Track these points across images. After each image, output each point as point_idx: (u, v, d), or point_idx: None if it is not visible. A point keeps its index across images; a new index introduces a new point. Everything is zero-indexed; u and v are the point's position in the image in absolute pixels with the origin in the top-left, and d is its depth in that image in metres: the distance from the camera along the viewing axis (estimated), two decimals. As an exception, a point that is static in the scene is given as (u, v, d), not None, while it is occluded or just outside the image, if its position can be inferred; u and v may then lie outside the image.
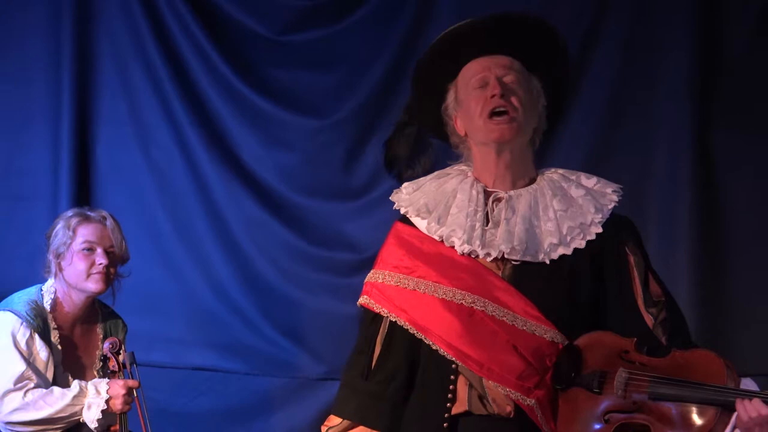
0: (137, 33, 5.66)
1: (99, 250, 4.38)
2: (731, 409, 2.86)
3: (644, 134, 5.49)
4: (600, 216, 3.17)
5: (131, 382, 4.25)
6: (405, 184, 3.33)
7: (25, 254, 5.55)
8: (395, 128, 3.42)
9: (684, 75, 5.43)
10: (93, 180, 5.71)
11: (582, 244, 3.15)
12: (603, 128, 5.52)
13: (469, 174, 3.26)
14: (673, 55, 5.44)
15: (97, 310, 4.54)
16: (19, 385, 4.23)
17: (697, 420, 2.91)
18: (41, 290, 4.44)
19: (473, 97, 3.17)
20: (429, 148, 3.40)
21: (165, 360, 5.35)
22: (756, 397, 2.82)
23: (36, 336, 4.30)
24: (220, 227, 5.65)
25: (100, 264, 4.37)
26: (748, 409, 2.81)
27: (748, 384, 2.95)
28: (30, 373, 4.24)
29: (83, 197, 5.61)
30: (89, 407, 4.23)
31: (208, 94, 5.69)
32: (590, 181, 3.26)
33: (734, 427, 2.88)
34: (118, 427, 4.30)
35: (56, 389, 4.27)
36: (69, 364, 4.42)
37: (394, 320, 3.18)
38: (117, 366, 4.27)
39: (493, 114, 3.13)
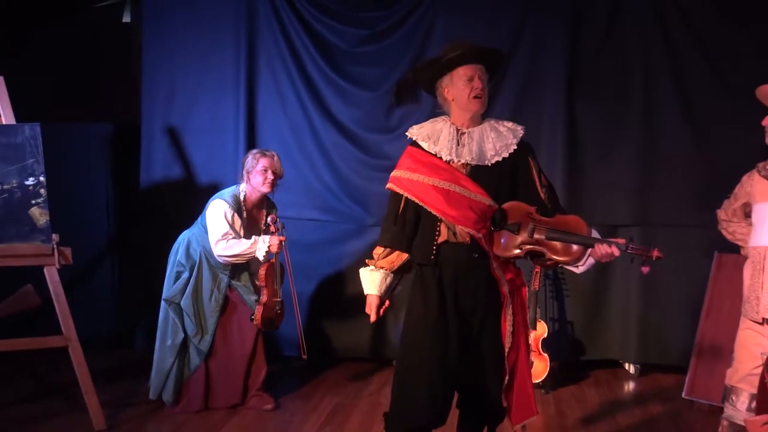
0: (279, 45, 5.52)
1: (269, 171, 4.39)
2: (590, 246, 2.92)
3: (536, 100, 5.38)
4: (515, 140, 3.16)
5: (281, 238, 4.34)
6: (413, 126, 3.25)
7: (220, 162, 5.55)
8: (407, 74, 3.24)
9: (560, 62, 5.33)
10: (256, 125, 5.58)
11: (506, 156, 3.13)
12: (517, 95, 5.40)
13: (448, 120, 3.22)
14: (555, 50, 5.33)
15: (264, 200, 4.55)
16: (224, 236, 4.31)
17: (570, 251, 2.95)
18: (238, 188, 4.44)
19: (465, 85, 3.10)
20: (417, 96, 3.26)
21: (292, 215, 5.36)
22: (604, 242, 2.89)
23: (235, 213, 4.34)
24: (322, 149, 5.55)
25: (270, 179, 4.38)
26: (601, 248, 2.90)
27: (595, 232, 3.00)
28: (230, 230, 4.31)
29: (251, 135, 5.55)
30: (259, 249, 4.31)
31: (315, 80, 5.53)
32: (509, 124, 3.23)
33: (589, 256, 2.95)
34: (274, 260, 4.40)
35: (243, 240, 4.35)
36: (250, 228, 4.45)
37: (406, 197, 3.15)
38: (274, 229, 4.36)
39: (474, 97, 3.09)
